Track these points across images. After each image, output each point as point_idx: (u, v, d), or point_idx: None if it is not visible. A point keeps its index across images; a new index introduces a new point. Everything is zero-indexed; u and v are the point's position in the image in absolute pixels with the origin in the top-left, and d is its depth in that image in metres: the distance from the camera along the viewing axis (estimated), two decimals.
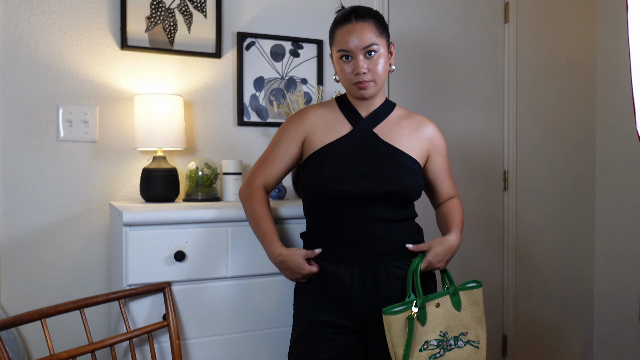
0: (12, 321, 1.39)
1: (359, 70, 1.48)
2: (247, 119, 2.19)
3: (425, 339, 1.45)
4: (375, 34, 1.49)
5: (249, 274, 1.73)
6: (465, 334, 1.50)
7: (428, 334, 1.46)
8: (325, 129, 1.56)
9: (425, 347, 1.45)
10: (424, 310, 1.46)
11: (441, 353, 1.47)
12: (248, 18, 2.20)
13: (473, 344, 1.51)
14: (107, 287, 1.99)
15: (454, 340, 1.49)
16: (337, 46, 1.51)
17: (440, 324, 1.48)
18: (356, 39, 1.47)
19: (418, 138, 1.58)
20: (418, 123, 1.61)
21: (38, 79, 1.91)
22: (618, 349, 2.83)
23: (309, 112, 1.61)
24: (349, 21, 1.49)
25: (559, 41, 2.85)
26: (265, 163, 1.62)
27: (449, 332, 1.48)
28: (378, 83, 1.52)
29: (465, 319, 1.51)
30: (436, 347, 1.46)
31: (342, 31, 1.50)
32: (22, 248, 1.89)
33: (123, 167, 2.02)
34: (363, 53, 1.48)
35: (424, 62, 2.54)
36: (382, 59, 1.50)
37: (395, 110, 1.61)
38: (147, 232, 1.61)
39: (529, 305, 2.79)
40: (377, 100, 1.58)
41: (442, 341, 1.47)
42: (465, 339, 1.50)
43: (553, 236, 2.86)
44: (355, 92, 1.53)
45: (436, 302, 1.49)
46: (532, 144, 2.78)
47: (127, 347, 1.62)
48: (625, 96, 2.74)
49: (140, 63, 2.04)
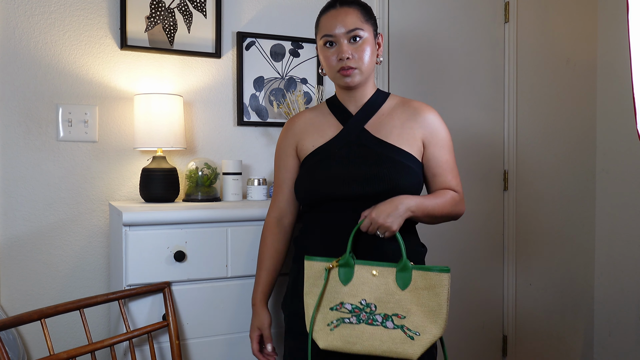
0: (11, 321, 1.39)
1: (343, 55, 1.42)
2: (247, 119, 2.19)
3: (341, 300, 1.33)
4: (361, 19, 1.45)
5: (249, 274, 1.73)
6: (402, 317, 1.30)
7: (347, 296, 1.33)
8: (315, 133, 1.53)
9: (338, 307, 1.33)
10: (351, 269, 1.34)
11: (352, 320, 1.32)
12: (248, 18, 2.20)
13: (407, 331, 1.30)
14: (107, 287, 1.99)
15: (382, 317, 1.31)
16: (321, 32, 1.47)
17: (368, 293, 1.32)
18: (340, 23, 1.43)
19: (411, 128, 1.47)
20: (413, 110, 1.50)
21: (38, 79, 1.91)
22: (618, 349, 2.83)
23: (295, 121, 1.59)
24: (333, 7, 1.47)
25: (559, 41, 2.85)
26: (275, 191, 1.63)
27: (379, 306, 1.32)
28: (363, 71, 1.46)
29: (408, 301, 1.31)
30: (348, 312, 1.32)
31: (326, 17, 1.47)
32: (21, 248, 1.89)
33: (123, 167, 2.02)
34: (347, 38, 1.43)
35: (424, 61, 2.54)
36: (367, 47, 1.45)
37: (388, 100, 1.53)
38: (147, 232, 1.61)
39: (529, 305, 2.79)
40: (367, 92, 1.52)
41: (358, 309, 1.32)
42: (398, 323, 1.30)
43: (553, 236, 2.86)
44: (339, 81, 1.47)
45: (374, 269, 1.33)
46: (532, 144, 2.78)
47: (126, 347, 1.62)
48: (626, 96, 2.74)
49: (140, 63, 2.04)
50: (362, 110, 1.51)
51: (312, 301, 1.36)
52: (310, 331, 1.36)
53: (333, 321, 1.34)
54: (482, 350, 2.70)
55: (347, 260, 1.34)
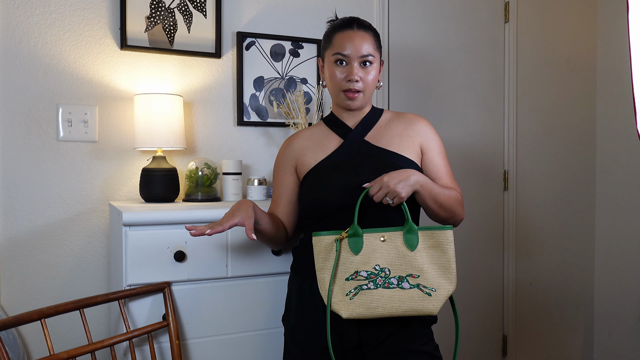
0: (11, 321, 1.38)
1: (352, 77, 1.48)
2: (247, 119, 2.19)
3: (355, 269, 1.36)
4: (373, 46, 1.51)
5: (249, 274, 1.73)
6: (416, 276, 1.34)
7: (361, 264, 1.36)
8: (316, 149, 1.55)
9: (353, 277, 1.35)
10: (360, 239, 1.37)
11: (370, 286, 1.34)
12: (248, 18, 2.20)
13: (423, 289, 1.34)
14: (107, 287, 1.99)
15: (398, 280, 1.35)
16: (334, 49, 1.51)
17: (380, 259, 1.36)
18: (357, 46, 1.48)
19: (409, 136, 1.54)
20: (408, 121, 1.57)
21: (38, 79, 1.91)
22: (618, 349, 2.83)
23: (294, 139, 1.62)
24: (350, 27, 1.51)
25: (559, 41, 2.85)
26: (272, 203, 1.63)
27: (393, 269, 1.35)
28: (366, 95, 1.52)
29: (420, 261, 1.35)
30: (365, 279, 1.35)
31: (342, 35, 1.50)
32: (21, 248, 1.89)
33: (123, 167, 2.02)
34: (359, 61, 1.49)
35: (423, 61, 2.54)
36: (374, 72, 1.52)
37: (383, 115, 1.60)
38: (146, 232, 1.61)
39: (529, 305, 2.79)
40: (364, 110, 1.58)
41: (373, 274, 1.35)
42: (413, 282, 1.34)
43: (553, 236, 2.86)
44: (342, 102, 1.53)
45: (382, 235, 1.37)
46: (532, 144, 2.78)
47: (127, 347, 1.62)
48: (626, 96, 2.74)
49: (140, 63, 2.04)
50: (361, 124, 1.56)
51: (326, 276, 1.37)
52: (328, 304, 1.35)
53: (351, 290, 1.35)
54: (482, 350, 2.70)
55: (355, 230, 1.37)
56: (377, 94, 2.40)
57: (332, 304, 1.35)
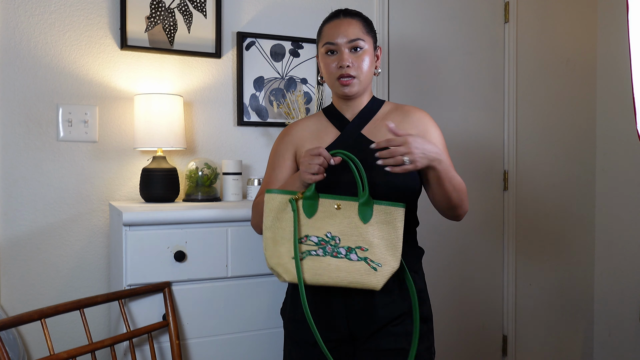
0: (12, 321, 1.39)
1: (343, 63, 1.46)
2: (247, 119, 2.19)
3: (306, 233, 1.34)
4: (362, 31, 1.50)
5: (249, 274, 1.73)
6: (365, 249, 1.34)
7: (312, 229, 1.34)
8: (313, 140, 1.54)
9: (303, 240, 1.34)
10: (315, 202, 1.35)
11: (319, 253, 1.33)
12: (248, 18, 2.20)
13: (370, 263, 1.33)
14: (107, 287, 1.99)
15: (346, 250, 1.34)
16: (324, 40, 1.51)
17: (333, 226, 1.35)
18: (342, 33, 1.48)
19: (404, 130, 1.49)
20: (404, 114, 1.54)
21: (38, 79, 1.91)
22: (618, 349, 2.83)
23: (293, 127, 1.61)
24: (337, 17, 1.52)
25: (559, 41, 2.85)
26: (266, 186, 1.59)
27: (343, 239, 1.34)
28: (362, 81, 1.50)
29: (370, 235, 1.34)
30: (315, 245, 1.33)
31: (329, 26, 1.52)
32: (22, 248, 1.89)
33: (123, 167, 2.02)
34: (348, 47, 1.48)
35: (424, 61, 2.54)
36: (367, 57, 1.49)
37: (383, 107, 1.57)
38: (147, 232, 1.61)
39: (529, 305, 2.79)
40: (363, 100, 1.56)
41: (324, 241, 1.34)
42: (361, 255, 1.33)
43: (553, 236, 2.86)
44: (338, 90, 1.51)
45: (338, 203, 1.36)
46: (532, 144, 2.78)
47: (127, 347, 1.62)
48: (626, 96, 2.74)
49: (140, 63, 2.04)
50: (359, 116, 1.54)
51: (271, 235, 1.35)
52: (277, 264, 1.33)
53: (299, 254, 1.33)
54: (482, 350, 2.70)
55: (312, 193, 1.36)
56: (377, 93, 2.40)
57: (275, 266, 1.34)
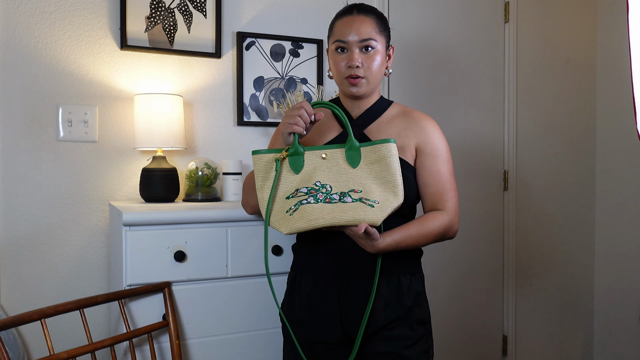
0: (12, 321, 1.39)
1: (353, 63, 1.41)
2: (247, 119, 2.19)
3: (295, 187, 1.33)
4: (375, 30, 1.44)
5: (249, 274, 1.73)
6: (359, 191, 1.31)
7: (302, 182, 1.33)
8: (315, 134, 1.51)
9: (294, 194, 1.32)
10: (300, 157, 1.34)
11: (310, 201, 1.31)
12: (248, 18, 2.20)
13: (366, 201, 1.29)
14: (107, 287, 1.99)
15: (340, 195, 1.31)
16: (334, 37, 1.45)
17: (321, 176, 1.33)
18: (354, 31, 1.42)
19: (407, 137, 1.46)
20: (410, 120, 1.48)
21: (38, 79, 1.91)
22: (618, 349, 2.83)
23: None
24: (350, 13, 1.46)
25: (559, 41, 2.85)
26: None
27: (334, 186, 1.32)
28: (371, 82, 1.45)
29: (362, 177, 1.32)
30: (305, 195, 1.32)
31: (341, 22, 1.45)
32: (22, 248, 1.89)
33: (123, 167, 2.02)
34: (359, 47, 1.42)
35: (424, 61, 2.54)
36: (378, 57, 1.44)
37: (390, 108, 1.52)
38: (146, 232, 1.61)
39: (529, 305, 2.79)
40: (371, 100, 1.51)
41: (313, 189, 1.32)
42: (355, 196, 1.30)
43: (553, 236, 2.86)
44: (346, 89, 1.47)
45: (323, 152, 1.34)
46: (532, 144, 2.78)
47: (127, 347, 1.62)
48: (626, 96, 2.74)
49: (140, 63, 2.04)
50: (363, 115, 1.50)
51: (265, 195, 1.35)
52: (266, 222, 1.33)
53: (291, 207, 1.32)
54: (482, 350, 2.70)
55: (296, 148, 1.34)
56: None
57: (272, 222, 1.33)
